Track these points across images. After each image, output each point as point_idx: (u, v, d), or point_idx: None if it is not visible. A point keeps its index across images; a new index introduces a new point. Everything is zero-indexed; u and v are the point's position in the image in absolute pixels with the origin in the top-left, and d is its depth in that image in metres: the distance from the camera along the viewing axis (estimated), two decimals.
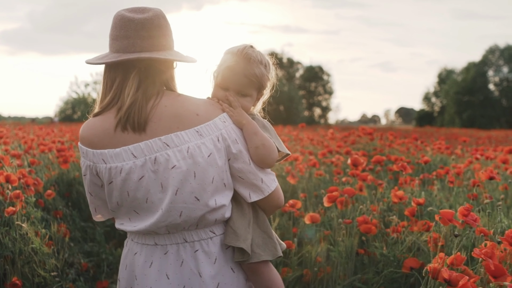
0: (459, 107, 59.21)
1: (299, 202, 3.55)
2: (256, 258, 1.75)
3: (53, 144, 5.29)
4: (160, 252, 1.75)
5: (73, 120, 49.50)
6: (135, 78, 1.70)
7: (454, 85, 60.89)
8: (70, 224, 4.53)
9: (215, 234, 1.76)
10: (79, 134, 1.77)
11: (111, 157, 1.69)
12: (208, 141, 1.69)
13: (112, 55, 1.71)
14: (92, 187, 1.80)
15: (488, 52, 61.68)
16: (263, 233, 1.83)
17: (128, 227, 1.76)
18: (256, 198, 1.77)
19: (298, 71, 73.48)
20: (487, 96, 59.00)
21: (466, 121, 56.90)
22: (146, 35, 1.69)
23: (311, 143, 7.82)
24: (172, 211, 1.67)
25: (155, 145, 1.66)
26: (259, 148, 1.74)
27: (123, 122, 1.68)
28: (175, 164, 1.65)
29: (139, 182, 1.67)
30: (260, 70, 1.81)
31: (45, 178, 4.57)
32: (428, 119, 66.31)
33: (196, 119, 1.70)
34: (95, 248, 4.68)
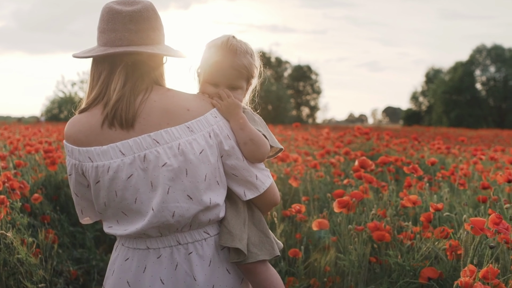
0: (446, 106, 59.43)
1: (304, 206, 3.35)
2: (253, 258, 1.69)
3: (40, 145, 5.03)
4: (153, 256, 1.68)
5: (59, 120, 48.99)
6: (122, 73, 1.64)
7: (441, 84, 61.13)
8: (58, 230, 4.29)
9: (209, 235, 1.70)
10: (64, 131, 1.69)
11: (98, 155, 1.62)
12: (200, 137, 1.63)
13: (99, 49, 1.65)
14: (78, 188, 1.72)
15: (475, 51, 61.98)
16: (259, 232, 1.77)
17: (118, 230, 1.69)
18: (251, 196, 1.72)
19: (286, 70, 73.38)
20: (474, 96, 59.29)
21: (453, 120, 57.14)
22: (134, 28, 1.63)
23: (306, 143, 7.62)
24: (164, 211, 1.60)
25: (144, 142, 1.60)
26: (247, 144, 1.68)
27: (110, 118, 1.61)
28: (165, 161, 1.58)
29: (127, 181, 1.60)
30: (247, 60, 1.76)
31: (31, 181, 4.32)
32: (415, 119, 66.52)
33: (187, 114, 1.64)
34: (85, 255, 4.45)
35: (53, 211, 4.36)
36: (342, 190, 3.35)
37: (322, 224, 2.76)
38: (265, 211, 1.84)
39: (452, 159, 7.12)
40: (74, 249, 4.48)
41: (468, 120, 56.06)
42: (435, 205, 2.58)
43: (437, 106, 61.37)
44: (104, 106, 1.63)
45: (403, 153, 7.31)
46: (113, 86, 1.63)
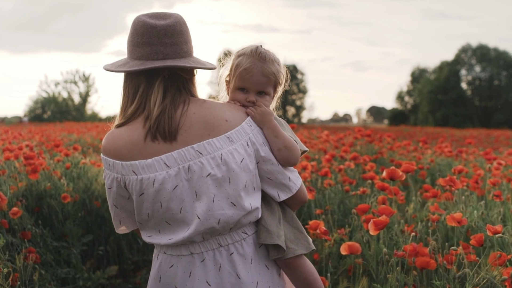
0: (432, 106, 59.42)
1: (322, 223, 2.93)
2: (291, 253, 1.77)
3: (20, 151, 4.55)
4: (197, 261, 1.73)
5: (43, 120, 48.13)
6: (160, 86, 1.69)
7: (427, 84, 61.12)
8: (40, 246, 3.83)
9: (247, 234, 1.77)
10: (103, 145, 1.73)
11: (143, 168, 1.67)
12: (239, 147, 1.70)
13: (134, 62, 1.69)
14: (118, 200, 1.77)
15: (461, 51, 62.02)
16: (293, 228, 1.85)
17: (161, 240, 1.73)
18: (285, 197, 1.80)
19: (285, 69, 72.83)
20: (460, 95, 59.30)
21: (439, 120, 57.13)
22: (169, 42, 1.68)
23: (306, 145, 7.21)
24: (210, 218, 1.66)
25: (188, 153, 1.66)
26: (281, 150, 1.76)
27: (153, 132, 1.66)
28: (209, 171, 1.65)
29: (173, 192, 1.66)
30: (275, 67, 1.84)
31: (10, 192, 3.85)
32: (401, 118, 66.49)
33: (226, 125, 1.71)
34: (71, 273, 4.00)
35: (34, 226, 3.90)
36: (366, 205, 2.94)
37: (353, 248, 2.35)
38: (294, 208, 1.92)
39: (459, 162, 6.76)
40: (59, 266, 4.03)
41: (454, 120, 56.05)
42: (493, 227, 2.17)
43: (423, 105, 61.35)
44: (146, 120, 1.68)
45: (408, 156, 6.93)
46: (152, 99, 1.68)
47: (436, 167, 5.93)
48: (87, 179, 5.06)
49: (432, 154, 6.86)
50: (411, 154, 7.00)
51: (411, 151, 7.19)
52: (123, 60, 1.75)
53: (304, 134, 12.41)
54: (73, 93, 55.76)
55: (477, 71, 60.91)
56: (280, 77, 1.90)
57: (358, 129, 7.40)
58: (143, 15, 1.73)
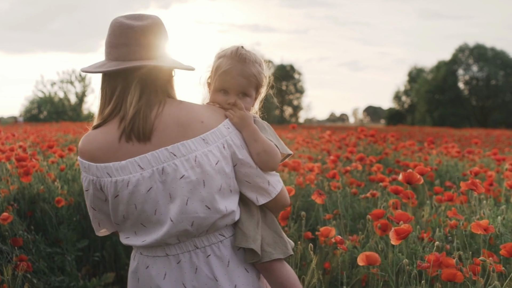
0: (430, 105, 59.34)
1: (333, 229, 2.74)
2: (268, 257, 1.76)
3: (11, 152, 4.34)
4: (173, 262, 1.72)
5: (39, 120, 47.81)
6: (137, 87, 1.68)
7: (425, 83, 61.03)
8: (33, 253, 3.63)
9: (224, 236, 1.75)
10: (79, 148, 1.72)
11: (117, 170, 1.66)
12: (215, 149, 1.68)
13: (111, 63, 1.68)
14: (95, 202, 1.76)
15: (458, 51, 61.94)
16: (273, 232, 1.83)
17: (136, 241, 1.72)
18: (263, 201, 1.78)
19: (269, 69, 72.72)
20: (457, 95, 59.23)
21: (437, 119, 57.05)
22: (146, 42, 1.67)
23: (308, 146, 7.00)
24: (183, 221, 1.65)
25: (162, 155, 1.65)
26: (260, 154, 1.74)
27: (127, 132, 1.65)
28: (183, 173, 1.64)
29: (147, 194, 1.64)
30: (256, 68, 1.82)
31: (1, 196, 3.65)
32: (398, 118, 66.40)
33: (201, 127, 1.70)
34: (65, 281, 3.80)
35: (26, 231, 3.70)
36: (380, 210, 2.75)
37: (371, 258, 2.15)
38: (276, 213, 1.90)
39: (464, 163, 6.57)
40: (53, 274, 3.83)
41: (451, 119, 55.95)
42: None
43: (420, 105, 61.26)
44: (121, 121, 1.66)
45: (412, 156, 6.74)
46: (129, 100, 1.67)
47: (443, 168, 5.74)
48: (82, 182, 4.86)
49: (439, 155, 6.67)
50: (415, 155, 6.82)
51: (415, 151, 7.00)
52: (101, 62, 1.74)
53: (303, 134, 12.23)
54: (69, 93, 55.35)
55: (474, 71, 60.83)
56: (262, 79, 1.87)
57: (361, 129, 7.21)
58: (121, 17, 1.72)
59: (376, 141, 6.75)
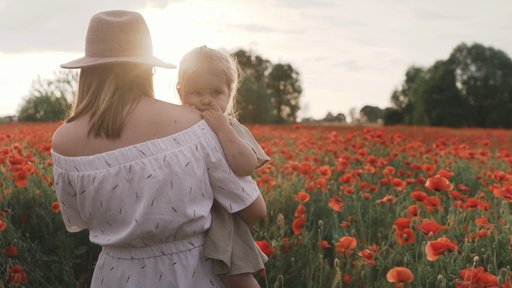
0: (428, 105, 59.23)
1: (354, 240, 2.53)
2: (237, 270, 1.70)
3: (5, 154, 4.12)
4: (137, 266, 1.68)
5: (35, 120, 47.50)
6: (112, 83, 1.65)
7: (422, 83, 60.90)
8: (28, 262, 3.41)
9: (193, 246, 1.71)
10: (52, 140, 1.70)
11: (84, 164, 1.63)
12: (186, 150, 1.64)
13: (88, 59, 1.67)
14: (65, 196, 1.74)
15: (456, 50, 61.85)
16: (244, 244, 1.78)
17: (102, 240, 1.69)
18: (237, 209, 1.73)
19: (267, 69, 72.48)
20: (455, 95, 59.12)
21: (435, 119, 56.94)
22: (124, 39, 1.64)
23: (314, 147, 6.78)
24: (148, 222, 1.61)
25: (130, 153, 1.61)
26: (236, 156, 1.70)
27: (96, 128, 1.63)
28: (151, 173, 1.60)
29: (112, 191, 1.61)
30: (224, 64, 1.79)
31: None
32: (396, 118, 66.26)
33: (174, 126, 1.66)
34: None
35: (21, 238, 3.48)
36: (405, 219, 2.54)
37: (403, 275, 1.93)
38: (251, 224, 1.84)
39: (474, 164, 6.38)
40: (50, 284, 3.60)
41: (449, 119, 55.87)
42: None
43: (418, 105, 61.14)
44: (92, 116, 1.64)
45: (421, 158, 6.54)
46: (102, 96, 1.64)
47: (454, 170, 5.54)
48: None
49: (448, 156, 6.47)
50: (424, 156, 6.61)
51: (423, 152, 6.79)
52: (80, 58, 1.72)
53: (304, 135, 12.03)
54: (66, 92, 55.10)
55: (472, 71, 60.74)
56: (232, 73, 1.83)
57: (367, 130, 7.01)
58: (101, 13, 1.70)
59: (383, 142, 6.54)
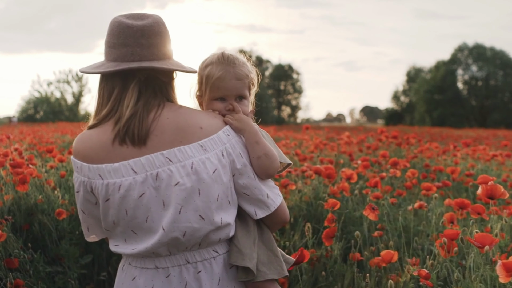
0: (429, 105, 59.01)
1: (396, 254, 2.26)
2: (261, 277, 1.68)
3: (5, 157, 3.84)
4: (162, 276, 1.64)
5: (35, 120, 47.22)
6: (135, 89, 1.62)
7: (423, 83, 60.67)
8: (30, 275, 3.14)
9: (218, 253, 1.68)
10: (73, 146, 1.69)
11: (109, 172, 1.59)
12: (213, 156, 1.61)
13: (109, 64, 1.62)
14: (85, 205, 1.70)
15: (457, 50, 61.63)
16: (268, 251, 1.75)
17: (126, 249, 1.65)
18: (262, 215, 1.70)
19: (267, 69, 72.18)
20: (456, 95, 58.90)
21: (436, 119, 56.73)
22: (145, 43, 1.61)
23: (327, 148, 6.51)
24: (175, 231, 1.58)
25: (157, 160, 1.58)
26: (261, 158, 1.67)
27: (121, 135, 1.59)
28: (178, 180, 1.57)
29: (139, 199, 1.57)
30: (246, 68, 1.78)
31: None
32: (396, 118, 66.03)
33: (200, 133, 1.63)
34: None
35: (22, 249, 3.21)
36: (454, 230, 2.27)
37: None
38: (273, 229, 1.82)
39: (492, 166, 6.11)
40: None
41: (451, 120, 55.68)
42: None
43: (419, 105, 60.91)
44: (116, 123, 1.61)
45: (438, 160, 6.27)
46: (126, 102, 1.61)
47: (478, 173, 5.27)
48: None
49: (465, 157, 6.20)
50: (440, 157, 6.35)
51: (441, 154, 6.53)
52: (100, 62, 1.68)
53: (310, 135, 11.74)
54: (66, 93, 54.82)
55: (474, 71, 60.50)
56: (253, 78, 1.82)
57: (380, 130, 6.75)
58: (121, 16, 1.66)
59: (399, 143, 6.27)
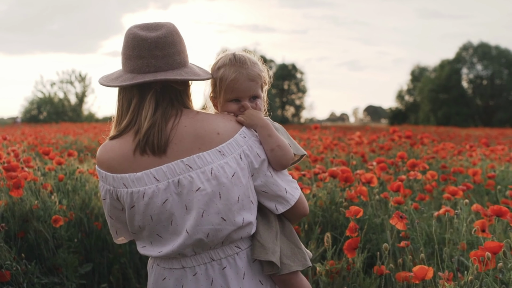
0: (433, 104, 58.62)
1: (431, 270, 2.01)
2: (286, 270, 1.72)
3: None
4: (189, 275, 1.71)
5: (39, 121, 47.05)
6: (152, 99, 1.68)
7: (428, 82, 60.28)
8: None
9: (240, 248, 1.73)
10: (97, 157, 1.75)
11: (133, 181, 1.65)
12: (231, 160, 1.66)
13: (126, 76, 1.68)
14: (112, 211, 1.77)
15: (462, 49, 61.22)
16: (291, 243, 1.79)
17: (152, 252, 1.72)
18: (283, 209, 1.75)
19: (271, 69, 71.88)
20: (461, 94, 58.50)
21: (441, 119, 56.36)
22: (160, 54, 1.66)
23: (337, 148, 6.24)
24: (198, 233, 1.64)
25: (177, 167, 1.63)
26: (274, 150, 1.71)
27: (142, 146, 1.65)
28: (199, 186, 1.62)
29: (163, 205, 1.64)
30: (258, 68, 1.81)
31: None
32: (401, 117, 65.64)
33: (218, 138, 1.67)
34: None
35: (16, 259, 2.97)
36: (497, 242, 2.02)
37: None
38: (294, 222, 1.87)
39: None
40: None
41: (456, 119, 55.29)
42: None
43: (424, 104, 60.53)
44: (136, 134, 1.67)
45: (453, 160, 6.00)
46: (144, 113, 1.67)
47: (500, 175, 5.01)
48: (84, 193, 4.12)
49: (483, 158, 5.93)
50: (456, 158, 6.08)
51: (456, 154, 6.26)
52: (118, 73, 1.74)
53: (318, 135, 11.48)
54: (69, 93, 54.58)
55: (479, 70, 60.10)
56: (265, 77, 1.85)
57: (393, 130, 6.48)
58: (135, 27, 1.71)
59: (413, 143, 6.00)
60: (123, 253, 3.99)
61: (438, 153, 6.00)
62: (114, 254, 3.99)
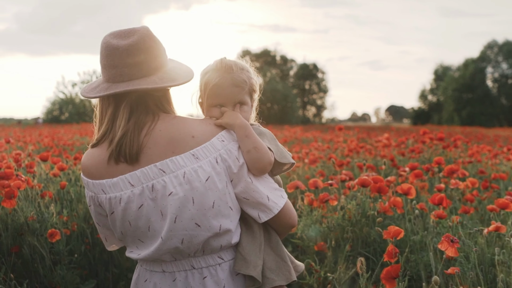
0: (457, 104, 57.67)
1: None
2: (269, 284, 1.66)
3: None
4: (168, 280, 1.69)
5: (60, 121, 47.25)
6: (126, 109, 1.66)
7: (452, 82, 59.30)
8: None
9: (223, 260, 1.70)
10: (81, 164, 1.74)
11: (110, 187, 1.65)
12: (206, 164, 1.62)
13: (102, 86, 1.67)
14: (98, 218, 1.78)
15: (486, 47, 60.16)
16: (276, 256, 1.74)
17: (135, 254, 1.71)
18: (266, 218, 1.69)
19: (292, 69, 71.33)
20: (486, 93, 57.43)
21: (465, 118, 55.41)
22: (132, 62, 1.63)
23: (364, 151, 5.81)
24: (172, 238, 1.62)
25: (151, 172, 1.61)
26: (250, 151, 1.66)
27: (115, 155, 1.64)
28: (171, 190, 1.60)
29: (139, 211, 1.62)
30: (245, 74, 1.76)
31: None
32: (424, 117, 64.72)
33: (192, 142, 1.64)
34: None
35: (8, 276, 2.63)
36: None
37: None
38: (282, 234, 1.82)
39: None
40: None
41: (480, 119, 54.32)
42: None
43: (448, 104, 59.57)
44: (110, 143, 1.65)
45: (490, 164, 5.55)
46: (118, 122, 1.65)
47: None
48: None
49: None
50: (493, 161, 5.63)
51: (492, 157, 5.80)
52: (97, 82, 1.72)
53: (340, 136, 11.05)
54: None
55: (504, 68, 59.01)
56: (253, 83, 1.79)
57: (423, 131, 6.03)
58: (109, 35, 1.68)
59: (446, 146, 5.56)
60: (130, 267, 3.64)
61: (473, 156, 5.55)
62: (121, 268, 3.64)
